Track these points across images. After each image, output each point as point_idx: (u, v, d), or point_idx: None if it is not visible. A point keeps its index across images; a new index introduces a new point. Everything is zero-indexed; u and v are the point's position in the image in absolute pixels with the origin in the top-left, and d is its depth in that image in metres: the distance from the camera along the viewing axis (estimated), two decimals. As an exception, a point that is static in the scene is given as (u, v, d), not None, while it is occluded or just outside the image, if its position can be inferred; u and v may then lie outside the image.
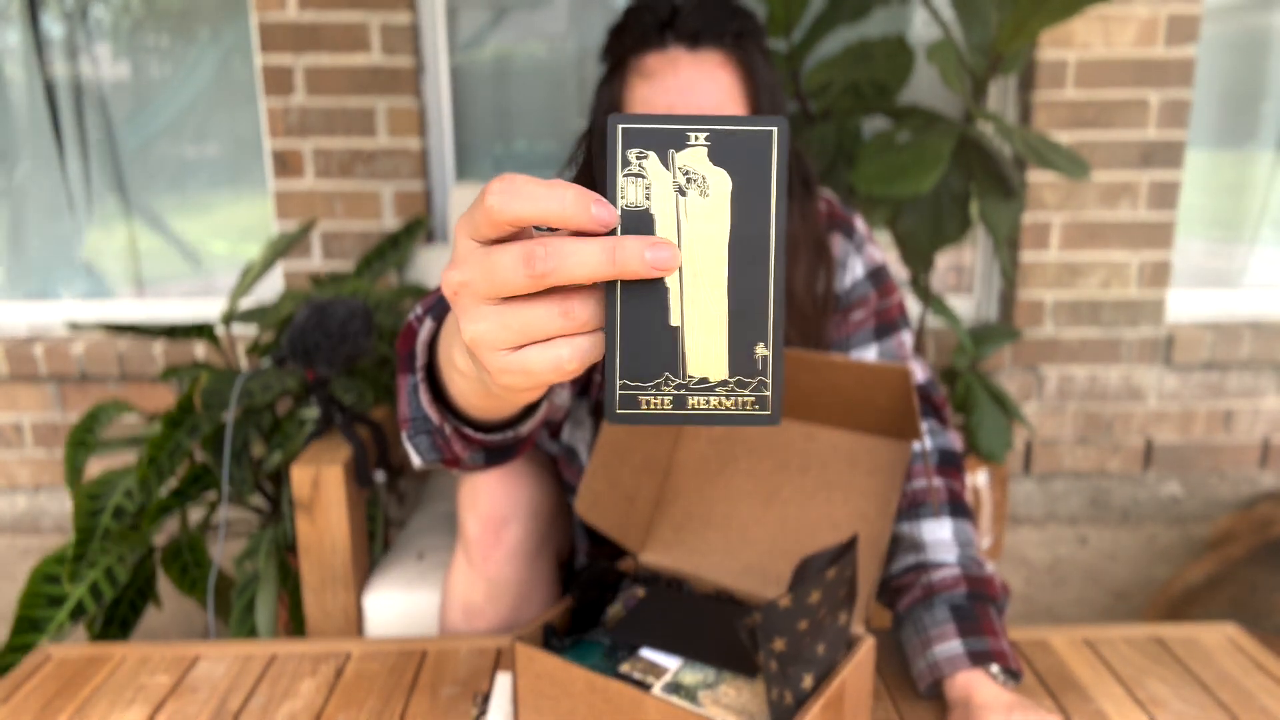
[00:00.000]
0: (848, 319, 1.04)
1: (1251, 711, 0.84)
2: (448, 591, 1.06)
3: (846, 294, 1.04)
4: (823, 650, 0.73)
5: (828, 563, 0.72)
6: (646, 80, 0.89)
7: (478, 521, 1.02)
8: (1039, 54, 2.05)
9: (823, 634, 0.73)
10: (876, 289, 1.04)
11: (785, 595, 0.69)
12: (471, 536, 1.02)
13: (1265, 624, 1.61)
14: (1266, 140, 2.30)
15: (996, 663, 0.82)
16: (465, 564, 1.03)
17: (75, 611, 1.21)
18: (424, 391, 0.64)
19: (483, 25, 2.18)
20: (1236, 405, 2.27)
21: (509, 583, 1.02)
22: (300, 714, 0.86)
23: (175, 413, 1.31)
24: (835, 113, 1.84)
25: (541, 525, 1.03)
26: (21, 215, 2.31)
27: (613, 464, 0.91)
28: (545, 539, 1.04)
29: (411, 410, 0.68)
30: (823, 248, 1.01)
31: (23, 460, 2.28)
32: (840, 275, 1.03)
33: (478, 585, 1.02)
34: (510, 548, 1.01)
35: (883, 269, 1.06)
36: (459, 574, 1.04)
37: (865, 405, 0.84)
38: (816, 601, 0.70)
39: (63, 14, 2.19)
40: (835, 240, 1.04)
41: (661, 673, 0.78)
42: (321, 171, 2.09)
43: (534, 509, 1.03)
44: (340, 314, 1.15)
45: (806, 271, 0.99)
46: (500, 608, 1.02)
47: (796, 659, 0.70)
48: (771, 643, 0.68)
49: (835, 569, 0.71)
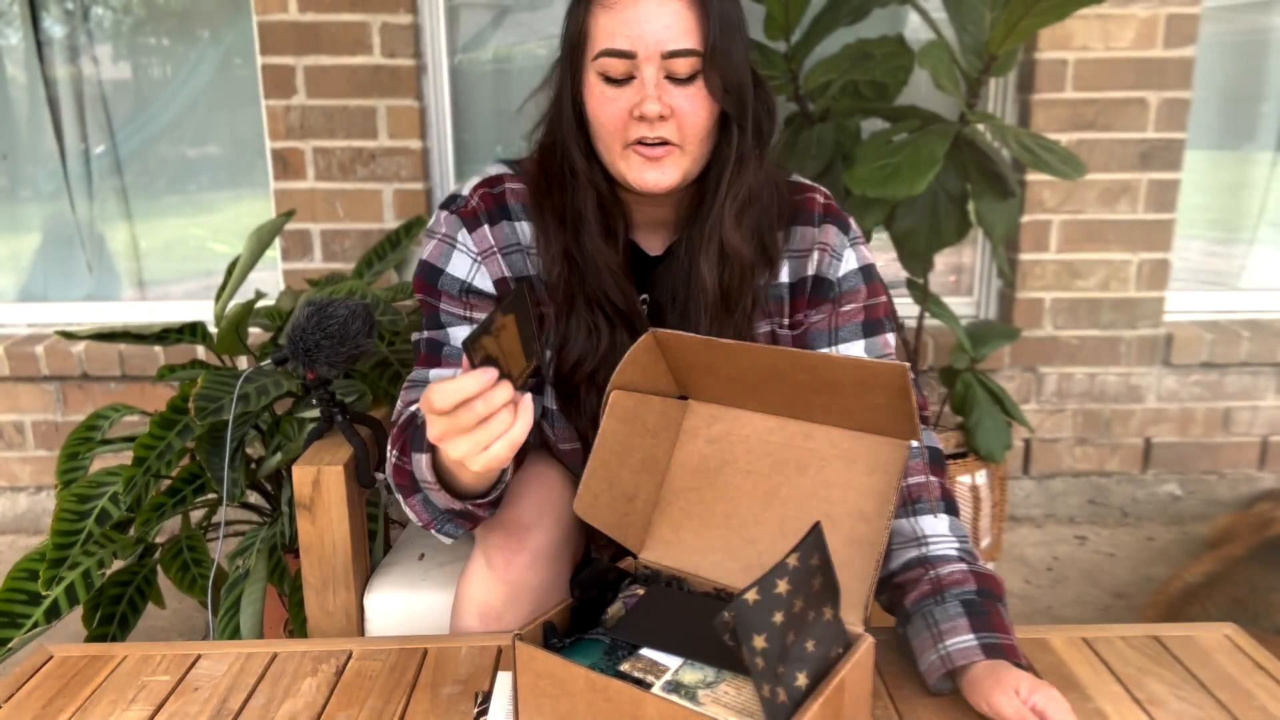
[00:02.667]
0: (838, 309, 1.05)
1: (1250, 711, 0.84)
2: (463, 595, 1.04)
3: (839, 283, 1.05)
4: (813, 647, 0.73)
5: (789, 551, 0.73)
6: (607, 10, 0.93)
7: (501, 526, 1.01)
8: (1038, 54, 2.06)
9: (809, 630, 0.73)
10: (867, 285, 1.06)
11: (751, 589, 0.68)
12: (494, 541, 1.01)
13: (1264, 623, 1.61)
14: (1265, 140, 2.31)
15: (1009, 658, 0.83)
16: (485, 567, 1.02)
17: (51, 612, 1.22)
18: (441, 496, 0.90)
19: (483, 25, 2.19)
20: (1235, 405, 2.27)
21: (529, 587, 1.00)
22: (301, 713, 0.86)
23: (166, 414, 1.31)
24: (834, 113, 1.84)
25: (563, 530, 1.02)
26: (22, 215, 2.31)
27: (611, 464, 0.91)
28: (565, 543, 1.03)
29: (430, 514, 0.95)
30: (783, 210, 1.05)
31: (24, 460, 2.29)
32: (834, 264, 1.05)
33: (497, 589, 1.01)
34: (533, 553, 1.00)
35: (873, 268, 1.07)
36: (477, 577, 1.02)
37: (863, 404, 0.84)
38: (785, 593, 0.70)
39: (64, 14, 2.19)
40: (829, 232, 1.06)
41: (661, 672, 0.78)
42: (322, 172, 2.09)
43: (557, 515, 1.02)
44: (341, 314, 1.15)
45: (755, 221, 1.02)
46: (519, 612, 1.01)
47: (784, 656, 0.70)
48: (752, 640, 0.68)
49: (796, 555, 0.71)
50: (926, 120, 1.76)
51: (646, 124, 0.92)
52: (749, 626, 0.68)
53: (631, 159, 0.94)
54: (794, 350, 0.83)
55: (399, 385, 1.46)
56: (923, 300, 1.89)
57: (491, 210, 1.03)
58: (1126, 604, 1.97)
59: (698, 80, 0.93)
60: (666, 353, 0.91)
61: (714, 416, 0.96)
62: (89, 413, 1.55)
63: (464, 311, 1.03)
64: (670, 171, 0.94)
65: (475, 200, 1.03)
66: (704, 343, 0.86)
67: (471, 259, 1.02)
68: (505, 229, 1.03)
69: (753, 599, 0.68)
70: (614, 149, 0.95)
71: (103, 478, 1.36)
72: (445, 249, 1.03)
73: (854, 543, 0.86)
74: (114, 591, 1.35)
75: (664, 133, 0.92)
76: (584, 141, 0.99)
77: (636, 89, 0.92)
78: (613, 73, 0.92)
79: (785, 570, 0.70)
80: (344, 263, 2.13)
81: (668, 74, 0.92)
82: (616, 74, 0.92)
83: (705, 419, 0.96)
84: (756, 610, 0.68)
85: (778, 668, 0.70)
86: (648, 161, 0.94)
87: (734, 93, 0.94)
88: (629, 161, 0.95)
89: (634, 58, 0.91)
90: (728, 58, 0.92)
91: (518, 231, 1.03)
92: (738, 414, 0.94)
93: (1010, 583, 2.06)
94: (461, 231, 1.02)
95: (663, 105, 0.91)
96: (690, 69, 0.92)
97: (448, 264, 1.02)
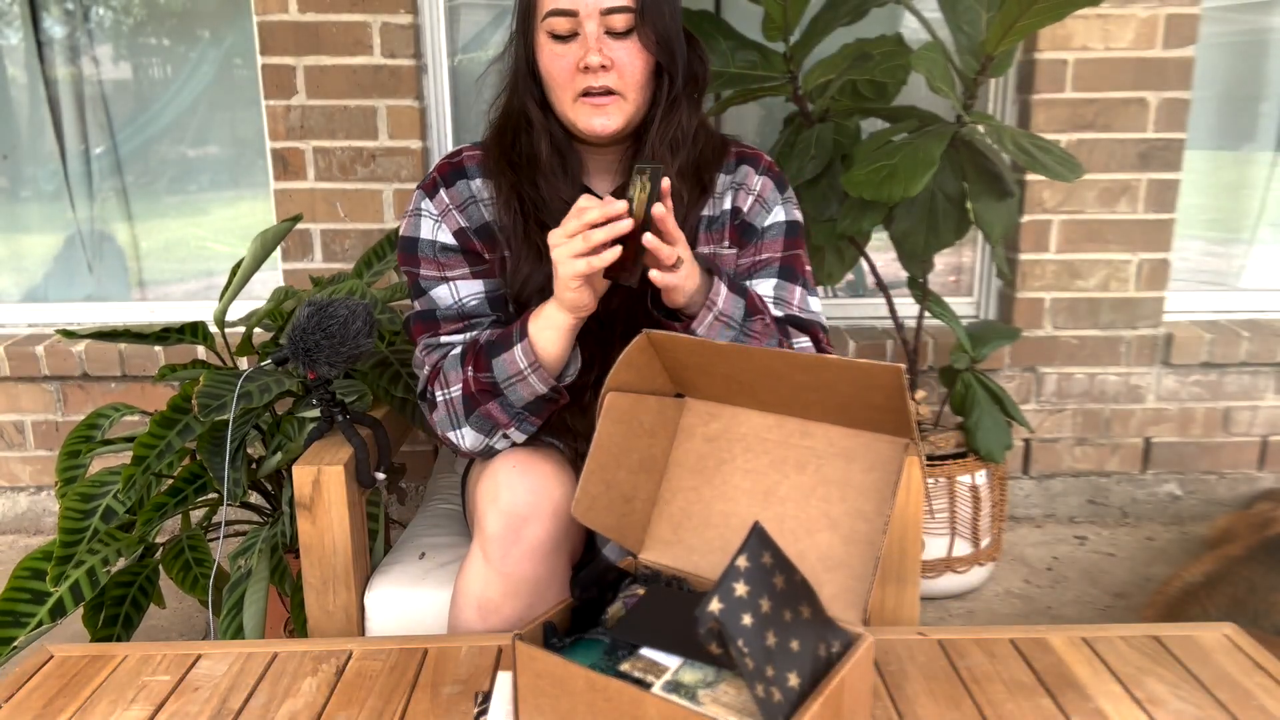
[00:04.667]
0: (760, 251, 1.18)
1: (1249, 710, 0.84)
2: (462, 588, 1.05)
3: (763, 231, 1.19)
4: (797, 647, 0.73)
5: (737, 552, 0.73)
6: None
7: (499, 518, 1.02)
8: (1038, 55, 2.06)
9: (790, 630, 0.73)
10: (788, 238, 1.19)
11: (712, 598, 0.69)
12: (491, 533, 1.02)
13: (1263, 623, 1.61)
14: (1265, 140, 2.31)
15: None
16: (482, 560, 1.03)
17: (55, 610, 1.23)
18: (529, 381, 1.04)
19: (483, 25, 2.19)
20: (1235, 405, 2.28)
21: (526, 580, 1.02)
22: (301, 713, 0.86)
23: (167, 413, 1.31)
24: (833, 114, 1.84)
25: (561, 523, 1.03)
26: (23, 215, 2.32)
27: (609, 466, 0.92)
28: (564, 537, 1.04)
29: (509, 414, 1.07)
30: (718, 152, 1.19)
31: (24, 460, 2.29)
32: (762, 214, 1.19)
33: (494, 582, 1.02)
34: (530, 545, 1.01)
35: (799, 226, 1.21)
36: (475, 570, 1.04)
37: (860, 403, 0.84)
38: (746, 595, 0.70)
39: (64, 15, 2.19)
40: (768, 186, 1.19)
41: (661, 672, 0.78)
42: (322, 172, 2.09)
43: (555, 508, 1.03)
44: (341, 314, 1.15)
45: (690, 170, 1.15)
46: (517, 604, 1.02)
47: (769, 657, 0.70)
48: (735, 644, 0.68)
49: (744, 556, 0.72)
50: (924, 121, 1.76)
51: (591, 74, 1.05)
52: (724, 634, 0.68)
53: (580, 108, 1.07)
54: (789, 351, 0.83)
55: (399, 385, 1.46)
56: (923, 300, 1.89)
57: (447, 175, 1.17)
58: (1126, 604, 1.97)
59: (633, 35, 1.05)
60: (661, 353, 0.91)
61: (711, 414, 0.96)
62: (89, 413, 1.55)
63: (439, 272, 1.15)
64: (615, 117, 1.07)
65: (435, 172, 1.18)
66: (697, 343, 0.86)
67: (434, 220, 1.15)
68: (460, 187, 1.16)
69: (716, 607, 0.68)
70: (565, 100, 1.08)
71: (105, 477, 1.36)
72: (414, 220, 1.17)
73: (853, 542, 0.86)
74: (117, 592, 1.35)
75: (607, 81, 1.05)
76: (539, 94, 1.11)
77: (581, 44, 1.05)
78: (559, 30, 1.05)
79: (738, 573, 0.71)
80: (344, 263, 2.13)
81: (607, 29, 1.05)
82: (562, 31, 1.05)
83: (702, 416, 0.96)
84: (724, 616, 0.68)
85: (766, 669, 0.70)
86: (595, 109, 1.07)
87: (665, 45, 1.07)
88: (578, 111, 1.07)
89: (576, 15, 1.04)
90: (659, 13, 1.06)
91: (471, 187, 1.16)
92: (735, 411, 0.95)
93: (1010, 583, 2.06)
94: (425, 201, 1.16)
95: (603, 57, 1.04)
96: (626, 24, 1.05)
97: (417, 231, 1.16)
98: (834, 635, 0.78)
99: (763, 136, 2.29)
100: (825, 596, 0.85)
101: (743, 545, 0.73)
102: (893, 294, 1.99)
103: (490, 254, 1.15)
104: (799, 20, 1.69)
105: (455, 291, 1.14)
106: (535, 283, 1.12)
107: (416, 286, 1.16)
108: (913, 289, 1.90)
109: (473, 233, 1.15)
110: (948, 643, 0.97)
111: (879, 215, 1.72)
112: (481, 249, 1.15)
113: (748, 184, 1.19)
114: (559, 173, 1.12)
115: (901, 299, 2.02)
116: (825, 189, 1.80)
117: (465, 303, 1.14)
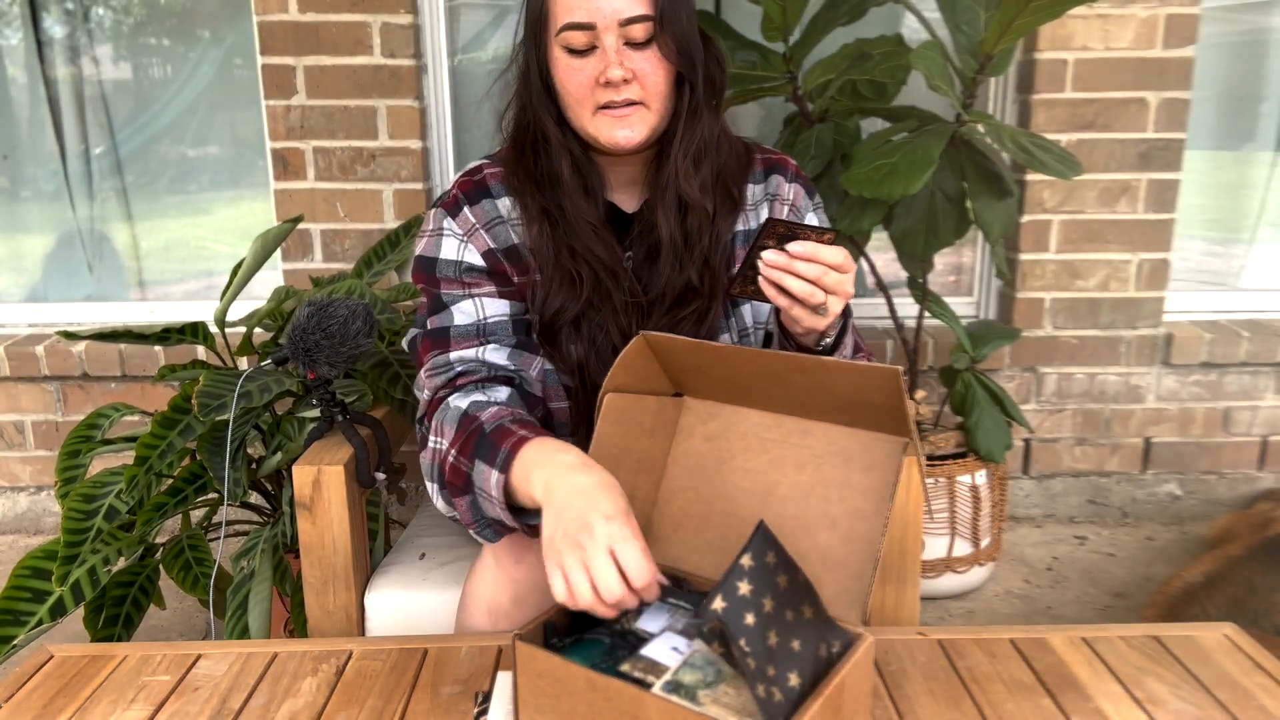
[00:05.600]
0: None
1: (1249, 710, 0.84)
2: (471, 593, 1.05)
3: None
4: (799, 647, 0.73)
5: (741, 551, 0.73)
6: None
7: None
8: (1038, 54, 2.06)
9: (792, 630, 0.73)
10: None
11: (716, 596, 0.69)
12: (502, 540, 1.01)
13: (1263, 623, 1.61)
14: (1265, 141, 2.31)
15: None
16: (493, 566, 1.03)
17: (56, 610, 1.23)
18: (497, 510, 0.93)
19: (483, 25, 2.19)
20: (1235, 405, 2.28)
21: (536, 585, 1.01)
22: (301, 713, 0.86)
23: (168, 413, 1.31)
24: (833, 114, 1.84)
25: None
26: (23, 215, 2.32)
27: (608, 466, 0.91)
28: None
29: (474, 517, 0.97)
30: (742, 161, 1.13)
31: (24, 460, 2.29)
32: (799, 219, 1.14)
33: (505, 587, 1.02)
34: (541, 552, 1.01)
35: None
36: (485, 576, 1.04)
37: (859, 404, 0.84)
38: (749, 594, 0.70)
39: (64, 15, 2.19)
40: (799, 194, 1.15)
41: (661, 672, 0.78)
42: (322, 172, 2.09)
43: None
44: (341, 314, 1.15)
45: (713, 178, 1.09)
46: (526, 610, 1.02)
47: (771, 657, 0.71)
48: (737, 643, 0.68)
49: (749, 555, 0.72)
50: (924, 120, 1.76)
51: (613, 89, 0.99)
52: (727, 634, 0.69)
53: (601, 121, 1.01)
54: (788, 354, 0.83)
55: (399, 385, 1.46)
56: (922, 300, 1.89)
57: (471, 193, 1.09)
58: (1126, 604, 1.97)
59: (654, 44, 0.99)
60: (658, 354, 0.91)
61: (710, 413, 0.96)
62: (89, 413, 1.55)
63: (463, 290, 1.07)
64: (638, 128, 1.01)
65: (455, 189, 1.10)
66: (694, 345, 0.86)
67: (459, 240, 1.08)
68: (486, 206, 1.09)
69: (719, 606, 0.69)
70: (584, 115, 1.02)
71: (107, 477, 1.36)
72: (435, 240, 1.09)
73: (852, 541, 0.86)
74: (117, 592, 1.35)
75: (629, 94, 0.99)
76: (555, 110, 1.05)
77: (600, 57, 0.99)
78: (575, 44, 0.99)
79: (742, 572, 0.71)
80: (344, 263, 2.13)
81: (626, 40, 0.98)
82: (579, 45, 0.99)
83: (701, 416, 0.96)
84: (727, 615, 0.69)
85: (767, 669, 0.70)
86: (617, 120, 1.00)
87: (685, 53, 1.02)
88: (599, 124, 1.01)
89: (594, 29, 0.98)
90: (677, 20, 1.00)
91: (498, 206, 1.09)
92: (734, 410, 0.95)
93: (1010, 583, 2.06)
94: (447, 220, 1.08)
95: (625, 70, 0.98)
96: (646, 33, 0.98)
97: (440, 251, 1.08)
98: (834, 635, 0.78)
99: (763, 136, 2.29)
100: (825, 596, 0.85)
101: (747, 544, 0.73)
102: (893, 294, 1.99)
103: (520, 277, 1.08)
104: (798, 20, 1.69)
105: (480, 308, 1.07)
106: (569, 314, 1.06)
107: (437, 301, 1.08)
108: (912, 289, 1.90)
109: (501, 254, 1.07)
110: (948, 643, 0.97)
111: (879, 214, 1.72)
112: (511, 271, 1.08)
113: (780, 194, 1.13)
114: (581, 193, 1.06)
115: (901, 299, 2.02)
116: (825, 189, 1.80)
117: (487, 320, 1.07)
